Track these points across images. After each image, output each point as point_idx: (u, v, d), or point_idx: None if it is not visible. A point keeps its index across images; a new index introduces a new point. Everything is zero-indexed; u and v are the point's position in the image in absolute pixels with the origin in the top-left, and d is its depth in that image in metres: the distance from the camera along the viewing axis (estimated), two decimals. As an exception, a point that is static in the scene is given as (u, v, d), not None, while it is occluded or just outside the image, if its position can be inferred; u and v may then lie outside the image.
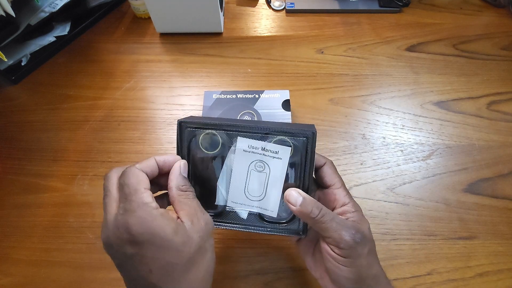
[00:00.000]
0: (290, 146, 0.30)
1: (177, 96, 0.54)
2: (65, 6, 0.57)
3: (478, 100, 0.52)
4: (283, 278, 0.39)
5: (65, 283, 0.39)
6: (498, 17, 0.63)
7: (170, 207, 0.28)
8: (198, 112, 0.52)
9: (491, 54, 0.58)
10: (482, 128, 0.50)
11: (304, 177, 0.30)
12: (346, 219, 0.29)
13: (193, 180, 0.32)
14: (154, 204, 0.25)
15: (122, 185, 0.25)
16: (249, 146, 0.30)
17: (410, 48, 0.59)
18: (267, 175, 0.30)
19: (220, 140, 0.31)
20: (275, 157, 0.30)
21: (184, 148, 0.31)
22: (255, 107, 0.46)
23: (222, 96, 0.47)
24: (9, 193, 0.45)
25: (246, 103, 0.46)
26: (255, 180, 0.31)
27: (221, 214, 0.32)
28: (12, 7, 0.49)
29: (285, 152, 0.30)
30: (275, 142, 0.30)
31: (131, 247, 0.23)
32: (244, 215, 0.32)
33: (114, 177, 0.27)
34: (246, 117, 0.45)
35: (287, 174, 0.30)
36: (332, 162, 0.32)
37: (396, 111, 0.51)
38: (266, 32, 0.62)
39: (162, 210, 0.25)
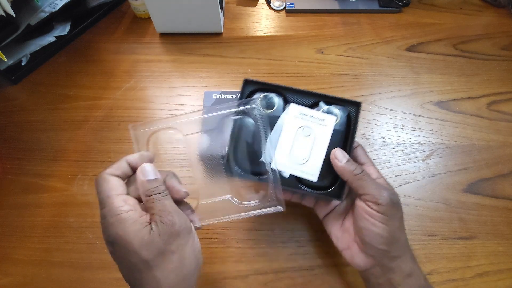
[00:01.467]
0: (336, 116, 0.34)
1: (177, 96, 0.54)
2: (65, 6, 0.57)
3: (478, 100, 0.52)
4: (283, 278, 0.39)
5: (65, 283, 0.39)
6: (498, 17, 0.63)
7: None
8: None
9: (491, 54, 0.58)
10: (482, 128, 0.50)
11: (347, 143, 0.34)
12: None
13: (242, 139, 0.34)
14: (126, 207, 0.26)
15: (97, 193, 0.27)
16: (300, 113, 0.34)
17: (410, 48, 0.59)
18: (313, 140, 0.33)
19: (277, 101, 0.35)
20: (321, 124, 0.33)
21: (243, 103, 0.33)
22: (255, 107, 0.46)
23: (222, 96, 0.47)
24: (9, 193, 0.45)
25: (246, 103, 0.46)
26: (301, 144, 0.33)
27: (263, 174, 0.33)
28: (12, 7, 0.49)
29: (331, 120, 0.34)
30: (323, 111, 0.34)
31: (109, 246, 0.26)
32: (286, 175, 0.34)
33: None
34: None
35: (332, 142, 0.33)
36: (363, 146, 0.35)
37: (396, 111, 0.51)
38: (266, 32, 0.62)
39: (131, 213, 0.26)
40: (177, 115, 0.33)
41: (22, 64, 0.55)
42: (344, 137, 0.34)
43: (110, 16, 0.65)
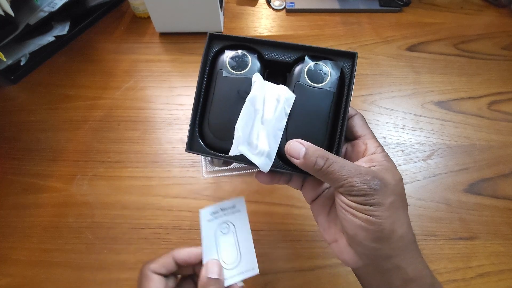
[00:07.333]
0: (327, 79, 0.27)
1: (177, 96, 0.54)
2: (64, 5, 0.57)
3: (478, 100, 0.52)
4: (283, 278, 0.39)
5: (65, 284, 0.39)
6: (498, 16, 0.63)
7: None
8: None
9: (491, 54, 0.58)
10: (483, 128, 0.49)
11: (340, 108, 0.27)
12: (369, 167, 0.25)
13: (214, 108, 0.29)
14: None
15: None
16: (211, 214, 0.30)
17: (411, 48, 0.59)
18: (235, 233, 0.30)
19: (250, 60, 0.28)
20: (234, 212, 0.30)
21: (208, 67, 0.29)
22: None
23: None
24: (9, 193, 0.45)
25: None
26: (226, 246, 0.29)
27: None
28: (11, 6, 0.48)
29: (240, 203, 0.30)
30: (309, 69, 0.27)
31: None
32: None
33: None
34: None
35: (321, 106, 0.27)
36: (362, 115, 0.29)
37: (397, 111, 0.51)
38: (266, 31, 0.62)
39: None
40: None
41: (21, 63, 0.55)
42: (337, 100, 0.27)
43: (109, 16, 0.65)
